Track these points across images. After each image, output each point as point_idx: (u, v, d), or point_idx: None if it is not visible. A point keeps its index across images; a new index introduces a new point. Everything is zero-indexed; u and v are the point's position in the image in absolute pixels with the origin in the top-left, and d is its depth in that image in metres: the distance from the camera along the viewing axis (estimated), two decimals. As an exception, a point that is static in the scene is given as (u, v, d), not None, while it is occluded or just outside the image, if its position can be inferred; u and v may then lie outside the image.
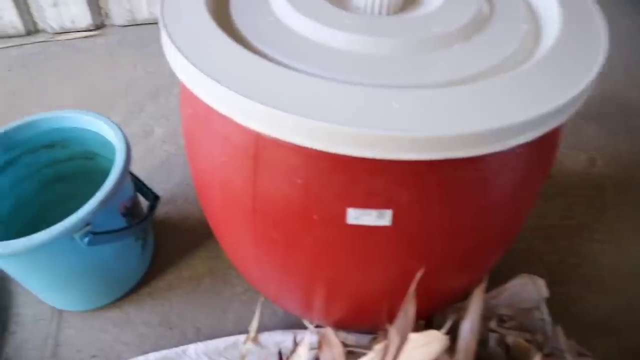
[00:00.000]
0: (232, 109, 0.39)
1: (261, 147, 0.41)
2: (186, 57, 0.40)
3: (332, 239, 0.44)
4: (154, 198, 0.78)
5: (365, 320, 0.58)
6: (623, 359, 0.69)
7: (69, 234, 0.61)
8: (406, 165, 0.38)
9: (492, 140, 0.35)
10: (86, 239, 0.63)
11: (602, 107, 1.14)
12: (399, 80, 0.40)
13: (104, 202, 0.64)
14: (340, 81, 0.39)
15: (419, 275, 0.45)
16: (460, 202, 0.42)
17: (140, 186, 0.80)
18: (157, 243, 0.86)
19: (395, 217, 0.41)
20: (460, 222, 0.44)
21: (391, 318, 0.50)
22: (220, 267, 0.83)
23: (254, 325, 0.70)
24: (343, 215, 0.41)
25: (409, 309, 0.46)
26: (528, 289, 0.69)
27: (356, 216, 0.41)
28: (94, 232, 0.64)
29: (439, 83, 0.39)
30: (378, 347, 0.50)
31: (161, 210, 0.91)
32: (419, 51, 0.43)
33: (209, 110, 0.44)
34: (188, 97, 0.49)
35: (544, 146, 0.44)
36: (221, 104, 0.39)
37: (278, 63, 0.42)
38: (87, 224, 0.63)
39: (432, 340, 0.47)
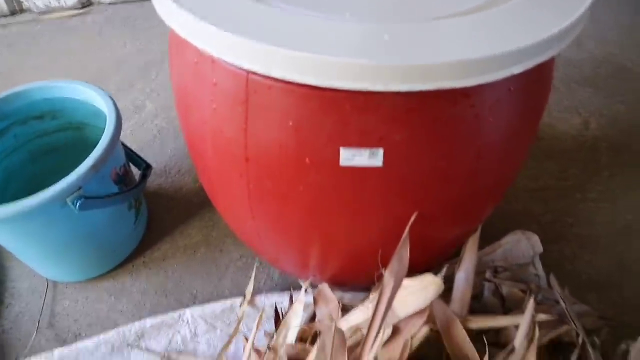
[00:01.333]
0: (222, 49, 0.38)
1: (252, 90, 0.41)
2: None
3: (325, 183, 0.44)
4: (145, 166, 0.78)
5: (360, 273, 0.58)
6: (617, 314, 0.69)
7: (60, 198, 0.61)
8: (398, 100, 0.38)
9: (485, 69, 0.35)
10: (77, 203, 0.62)
11: (596, 70, 1.14)
12: (390, 17, 0.39)
13: (95, 167, 0.63)
14: (329, 17, 0.38)
15: (412, 218, 0.45)
16: (453, 142, 0.42)
17: (132, 155, 0.79)
18: (151, 214, 0.86)
19: (387, 157, 0.41)
20: (454, 164, 0.44)
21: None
22: (216, 235, 0.82)
23: (250, 287, 0.70)
24: (336, 156, 0.41)
25: (403, 253, 0.45)
26: (522, 245, 0.70)
27: (348, 157, 0.40)
28: (86, 197, 0.63)
29: (431, 18, 0.39)
30: (372, 294, 0.50)
31: (154, 182, 0.91)
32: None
33: (198, 56, 0.43)
34: (177, 46, 0.48)
35: (536, 84, 0.44)
36: (211, 45, 0.39)
37: (267, 4, 0.41)
38: (79, 188, 0.62)
39: (428, 284, 0.47)
